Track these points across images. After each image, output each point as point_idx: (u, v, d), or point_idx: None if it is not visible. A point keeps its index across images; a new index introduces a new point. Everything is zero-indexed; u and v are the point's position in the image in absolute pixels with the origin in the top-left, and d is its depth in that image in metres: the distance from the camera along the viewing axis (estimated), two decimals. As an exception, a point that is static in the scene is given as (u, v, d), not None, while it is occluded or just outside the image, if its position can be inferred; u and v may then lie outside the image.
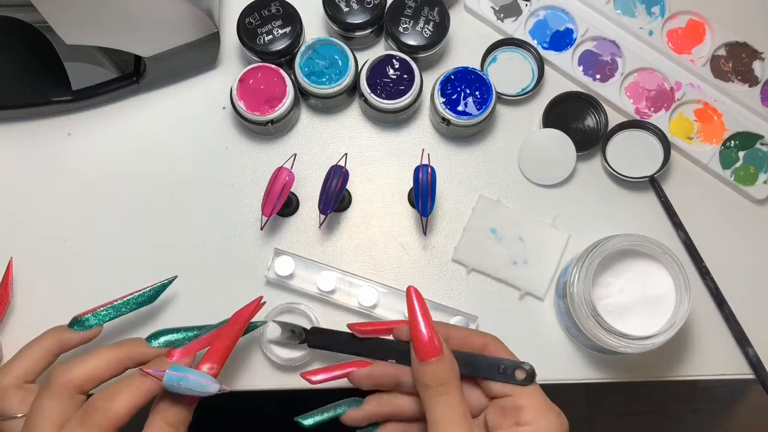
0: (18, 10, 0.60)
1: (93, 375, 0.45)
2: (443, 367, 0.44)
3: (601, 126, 0.61)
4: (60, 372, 0.44)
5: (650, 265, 0.54)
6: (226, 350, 0.47)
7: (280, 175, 0.56)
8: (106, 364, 0.46)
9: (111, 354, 0.46)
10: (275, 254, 0.57)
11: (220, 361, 0.46)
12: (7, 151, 0.61)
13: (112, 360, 0.46)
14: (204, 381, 0.44)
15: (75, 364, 0.45)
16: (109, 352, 0.46)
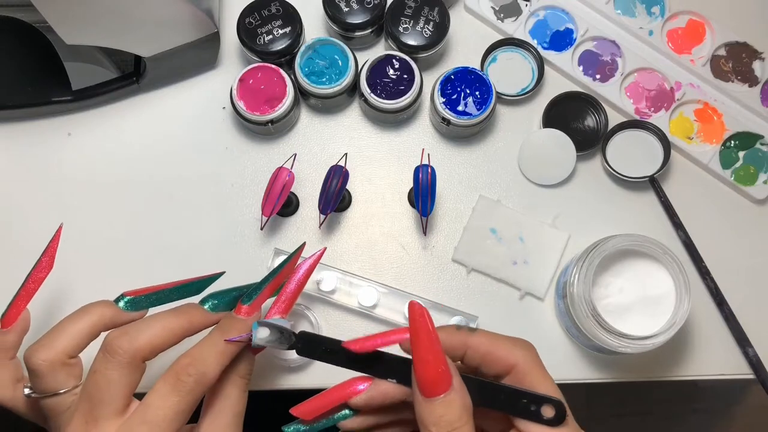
0: (18, 10, 0.60)
1: (157, 344, 0.43)
2: (453, 407, 0.37)
3: (601, 126, 0.61)
4: (124, 341, 0.42)
5: (650, 265, 0.54)
6: (291, 301, 0.46)
7: (280, 175, 0.56)
8: (170, 332, 0.44)
9: (174, 322, 0.44)
10: (275, 254, 0.57)
11: (286, 311, 0.46)
12: (7, 151, 0.61)
13: (176, 328, 0.44)
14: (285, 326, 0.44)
15: (138, 332, 0.43)
16: (172, 320, 0.45)
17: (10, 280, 0.54)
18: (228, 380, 0.44)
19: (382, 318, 0.57)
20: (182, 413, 0.41)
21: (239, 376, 0.45)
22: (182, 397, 0.41)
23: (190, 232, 0.60)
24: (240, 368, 0.45)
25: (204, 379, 0.42)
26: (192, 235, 0.60)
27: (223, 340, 0.43)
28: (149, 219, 0.60)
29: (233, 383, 0.44)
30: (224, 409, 0.44)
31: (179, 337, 0.45)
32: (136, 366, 0.42)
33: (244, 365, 0.45)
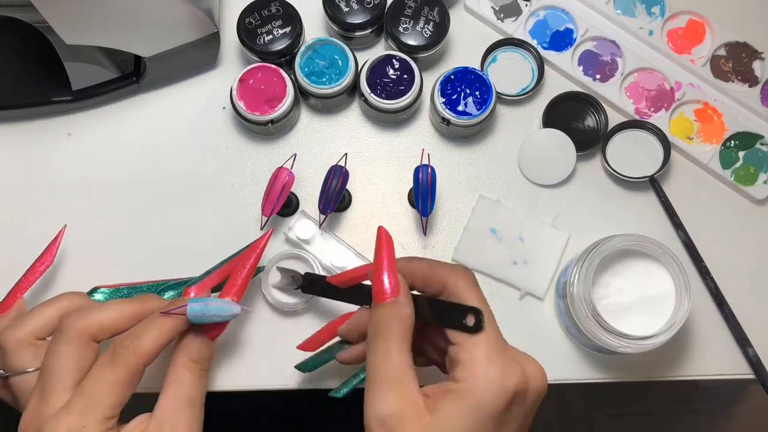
0: (18, 10, 0.60)
1: (107, 325, 0.45)
2: (389, 310, 0.42)
3: (601, 126, 0.61)
4: (74, 319, 0.44)
5: (650, 265, 0.54)
6: (242, 283, 0.47)
7: (280, 175, 0.56)
8: (121, 314, 0.46)
9: (127, 307, 0.46)
10: (300, 215, 0.59)
11: (238, 294, 0.47)
12: (7, 151, 0.61)
13: (128, 311, 0.46)
14: (226, 305, 0.45)
15: (90, 312, 0.45)
16: (125, 304, 0.46)
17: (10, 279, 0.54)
18: (179, 363, 0.45)
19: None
20: (117, 384, 0.42)
21: (191, 359, 0.45)
22: (117, 368, 0.42)
23: (190, 232, 0.60)
24: (191, 351, 0.45)
25: (139, 351, 0.42)
26: (192, 234, 0.60)
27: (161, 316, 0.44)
28: (149, 219, 0.60)
29: (185, 366, 0.45)
30: (176, 392, 0.44)
31: (130, 320, 0.46)
32: (83, 343, 0.44)
33: (196, 347, 0.45)
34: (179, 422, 0.43)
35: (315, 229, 0.58)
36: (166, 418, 0.43)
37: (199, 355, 0.45)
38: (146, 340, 0.43)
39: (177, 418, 0.43)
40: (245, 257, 0.49)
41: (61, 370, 0.43)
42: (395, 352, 0.41)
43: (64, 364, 0.43)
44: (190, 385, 0.44)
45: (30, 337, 0.47)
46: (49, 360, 0.43)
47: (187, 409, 0.44)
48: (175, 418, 0.43)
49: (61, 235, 0.55)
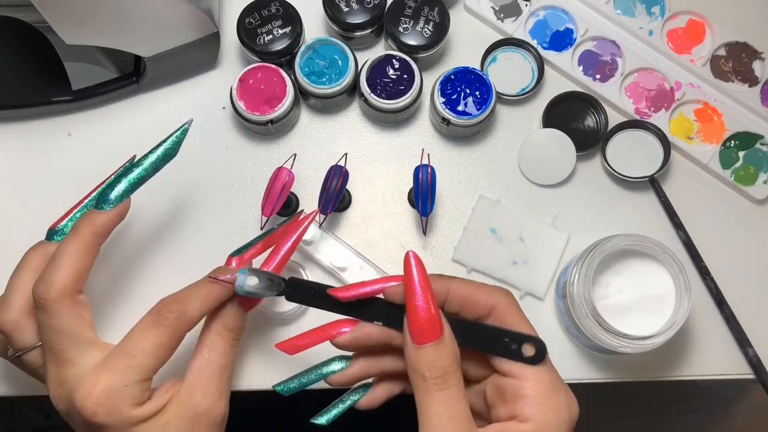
0: (18, 10, 0.60)
1: (76, 272, 0.44)
2: (443, 354, 0.38)
3: (601, 126, 0.61)
4: (44, 290, 0.43)
5: (650, 265, 0.54)
6: (283, 258, 0.47)
7: (280, 175, 0.56)
8: (79, 251, 0.45)
9: (75, 241, 0.45)
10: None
11: (278, 269, 0.47)
12: (8, 151, 0.61)
13: (80, 246, 0.45)
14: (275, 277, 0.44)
15: (52, 273, 0.44)
16: (72, 241, 0.45)
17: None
18: (213, 330, 0.45)
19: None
20: (161, 347, 0.42)
21: (226, 328, 0.45)
22: (162, 330, 0.42)
23: (190, 232, 0.60)
24: (227, 320, 0.45)
25: (184, 317, 0.43)
26: (192, 234, 0.60)
27: (207, 281, 0.44)
28: (149, 219, 0.60)
29: (219, 334, 0.45)
30: (209, 359, 0.44)
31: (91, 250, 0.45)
32: (68, 305, 0.43)
33: (232, 317, 0.45)
34: (210, 388, 0.43)
35: (315, 230, 0.58)
36: (199, 383, 0.43)
37: (234, 324, 0.45)
38: (192, 306, 0.43)
39: (209, 384, 0.43)
40: (288, 232, 0.48)
41: (69, 337, 0.43)
42: (455, 401, 0.38)
43: (68, 332, 0.43)
44: (223, 353, 0.44)
45: (25, 311, 0.46)
46: (49, 336, 0.43)
47: (218, 377, 0.44)
48: (207, 383, 0.43)
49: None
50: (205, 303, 0.44)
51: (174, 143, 0.49)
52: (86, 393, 0.41)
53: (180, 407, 0.43)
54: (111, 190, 0.47)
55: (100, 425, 0.41)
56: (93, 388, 0.41)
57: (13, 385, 0.58)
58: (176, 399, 0.43)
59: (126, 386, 0.41)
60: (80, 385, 0.41)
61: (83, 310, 0.44)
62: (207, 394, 0.43)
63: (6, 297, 0.47)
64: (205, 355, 0.44)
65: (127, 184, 0.47)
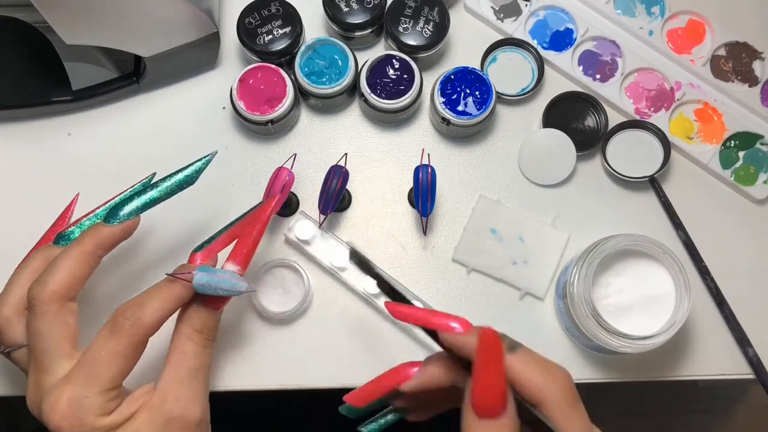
0: (18, 10, 0.60)
1: (70, 279, 0.44)
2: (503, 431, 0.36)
3: (601, 126, 0.61)
4: (37, 291, 0.43)
5: (650, 265, 0.54)
6: (249, 250, 0.46)
7: (280, 175, 0.56)
8: (78, 260, 0.45)
9: (77, 250, 0.45)
10: (300, 216, 0.58)
11: (245, 262, 0.45)
12: (7, 151, 0.61)
13: (81, 255, 0.45)
14: (233, 279, 0.43)
15: (48, 276, 0.44)
16: (74, 249, 0.45)
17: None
18: (182, 333, 0.44)
19: (382, 309, 0.58)
20: (119, 356, 0.41)
21: (195, 330, 0.44)
22: (118, 339, 0.41)
23: (190, 232, 0.60)
24: (195, 321, 0.44)
25: (140, 322, 0.42)
26: (192, 234, 0.60)
27: (166, 282, 0.43)
28: (149, 219, 0.60)
29: (188, 337, 0.44)
30: (178, 363, 0.43)
31: (90, 262, 0.45)
32: (56, 310, 0.43)
33: (200, 318, 0.44)
34: (183, 393, 0.43)
35: (315, 230, 0.58)
36: (170, 390, 0.43)
37: (203, 326, 0.44)
38: (149, 311, 0.42)
39: (180, 390, 0.43)
40: (252, 222, 0.47)
41: (49, 343, 0.43)
42: None
43: (49, 337, 0.43)
44: (193, 356, 0.44)
45: (17, 309, 0.46)
46: (32, 338, 0.43)
47: (191, 381, 0.43)
48: (178, 389, 0.43)
49: (74, 203, 0.53)
50: (163, 306, 0.43)
51: (194, 171, 0.49)
52: (50, 407, 0.41)
53: (151, 414, 0.42)
54: (122, 206, 0.47)
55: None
56: (56, 402, 0.41)
57: (13, 385, 0.58)
58: (148, 405, 0.42)
59: (87, 397, 0.41)
60: (46, 397, 0.41)
61: (70, 317, 0.44)
62: (179, 398, 0.43)
63: (3, 294, 0.47)
64: (175, 359, 0.43)
65: (139, 203, 0.47)
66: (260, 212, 0.47)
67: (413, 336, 0.58)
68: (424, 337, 0.57)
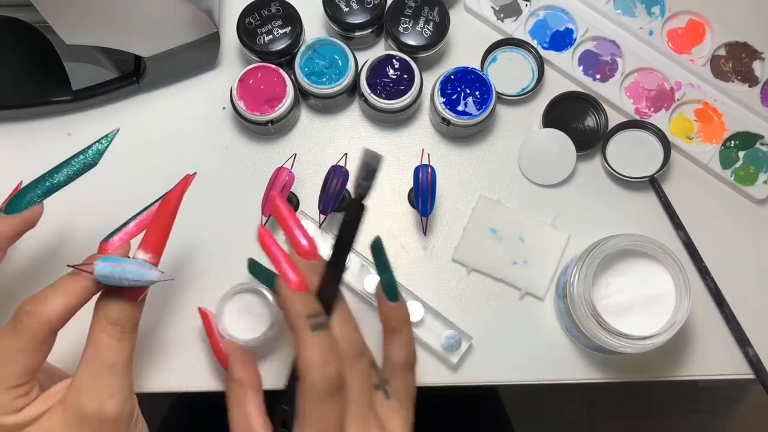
0: (18, 10, 0.60)
1: None
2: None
3: (601, 126, 0.61)
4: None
5: (650, 265, 0.54)
6: (161, 237, 0.43)
7: (280, 175, 0.56)
8: None
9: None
10: (300, 216, 0.58)
11: (157, 250, 0.43)
12: (7, 151, 0.61)
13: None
14: (141, 269, 0.41)
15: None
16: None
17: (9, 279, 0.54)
18: (96, 325, 0.42)
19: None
20: (20, 353, 0.40)
21: (109, 322, 0.41)
22: (18, 335, 0.40)
23: (189, 232, 0.60)
24: (110, 313, 0.42)
25: (41, 317, 0.40)
26: (192, 235, 0.60)
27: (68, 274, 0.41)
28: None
29: (102, 329, 0.41)
30: (93, 356, 0.41)
31: None
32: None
33: (115, 309, 0.42)
34: (97, 389, 0.40)
35: (315, 230, 0.58)
36: (84, 385, 0.40)
37: (119, 317, 0.42)
38: (50, 305, 0.40)
39: (95, 385, 0.40)
40: (163, 206, 0.44)
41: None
42: None
43: None
44: (108, 349, 0.41)
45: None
46: None
47: (106, 375, 0.41)
48: (92, 384, 0.40)
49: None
50: (66, 299, 0.41)
51: (95, 153, 0.46)
52: None
53: (66, 410, 0.40)
54: (23, 196, 0.45)
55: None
56: None
57: None
58: (63, 402, 0.41)
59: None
60: None
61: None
62: (93, 394, 0.40)
63: None
64: (90, 352, 0.41)
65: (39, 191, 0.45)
66: (169, 197, 0.45)
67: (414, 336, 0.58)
68: (423, 336, 0.57)
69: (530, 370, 0.58)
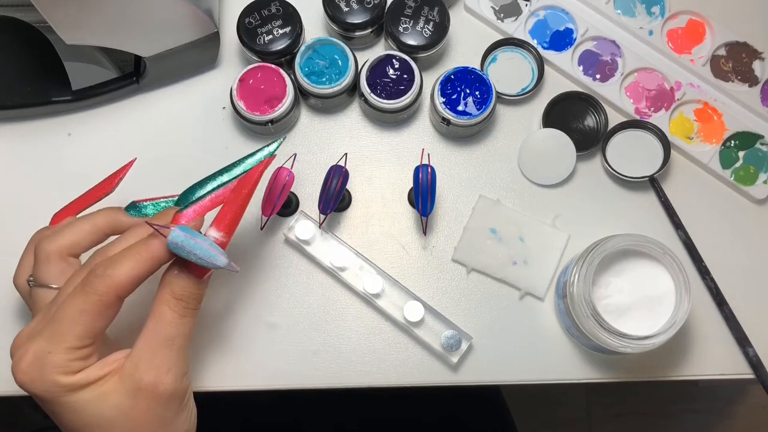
0: (18, 10, 0.60)
1: (73, 244, 0.45)
2: None
3: (601, 126, 0.61)
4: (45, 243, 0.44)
5: (650, 265, 0.54)
6: (235, 217, 0.43)
7: (280, 175, 0.56)
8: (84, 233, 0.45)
9: (88, 223, 0.46)
10: (300, 215, 0.58)
11: (229, 229, 0.43)
12: (7, 151, 0.61)
13: (90, 228, 0.46)
14: (212, 250, 0.41)
15: (60, 232, 0.45)
16: (86, 221, 0.46)
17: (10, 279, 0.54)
18: (161, 299, 0.42)
19: (382, 308, 0.58)
20: (85, 314, 0.39)
21: (174, 296, 0.42)
22: (87, 296, 0.40)
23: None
24: (175, 287, 0.42)
25: (110, 281, 0.40)
26: (192, 235, 0.60)
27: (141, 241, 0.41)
28: (149, 219, 0.60)
29: (166, 303, 0.41)
30: (155, 330, 0.41)
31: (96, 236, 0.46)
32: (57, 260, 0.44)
33: (181, 284, 0.42)
34: (156, 361, 0.40)
35: (315, 229, 0.58)
36: (142, 357, 0.40)
37: (183, 292, 0.42)
38: (121, 270, 0.40)
39: (153, 358, 0.40)
40: (240, 187, 0.44)
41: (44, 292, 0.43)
42: None
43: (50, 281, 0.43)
44: (170, 324, 0.41)
45: (62, 252, 0.45)
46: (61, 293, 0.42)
47: (165, 349, 0.41)
48: (151, 357, 0.41)
49: (128, 166, 0.51)
50: (137, 265, 0.40)
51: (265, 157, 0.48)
52: (18, 359, 0.40)
53: (122, 380, 0.40)
54: (193, 192, 0.47)
55: (33, 395, 0.40)
56: (23, 355, 0.39)
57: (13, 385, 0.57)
58: (119, 371, 0.40)
59: (50, 353, 0.39)
60: (17, 350, 0.40)
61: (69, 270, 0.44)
62: (151, 367, 0.40)
63: (58, 234, 0.46)
64: (152, 325, 0.41)
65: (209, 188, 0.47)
66: (248, 176, 0.44)
67: (413, 336, 0.58)
68: (424, 336, 0.57)
69: (530, 370, 0.58)
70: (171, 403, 0.42)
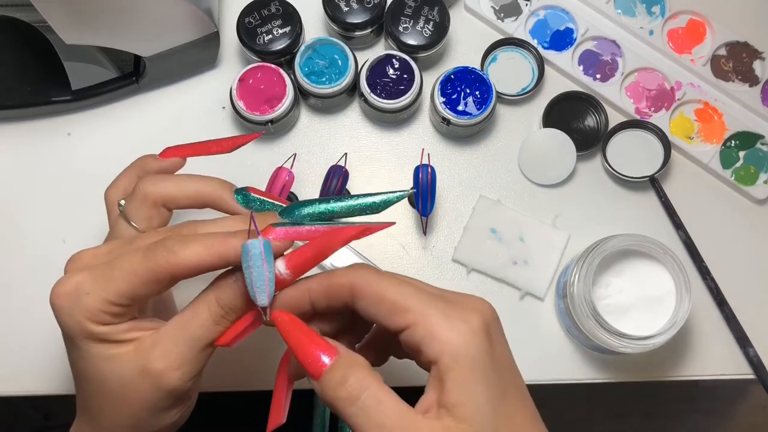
0: (18, 10, 0.60)
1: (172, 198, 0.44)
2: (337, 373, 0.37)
3: (602, 126, 0.61)
4: (147, 184, 0.43)
5: (650, 265, 0.54)
6: (309, 262, 0.40)
7: (280, 175, 0.56)
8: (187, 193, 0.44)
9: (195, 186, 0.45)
10: None
11: (297, 270, 0.40)
12: (7, 151, 0.61)
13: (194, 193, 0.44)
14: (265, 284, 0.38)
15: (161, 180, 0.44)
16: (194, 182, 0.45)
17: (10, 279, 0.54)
18: (204, 297, 0.40)
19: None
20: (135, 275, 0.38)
21: (218, 302, 0.40)
22: (145, 260, 0.38)
23: (190, 232, 0.60)
24: (222, 293, 0.40)
25: (172, 257, 0.38)
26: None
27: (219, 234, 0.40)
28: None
29: (206, 303, 0.40)
30: (186, 323, 0.40)
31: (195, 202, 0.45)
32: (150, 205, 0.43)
33: (230, 294, 0.40)
34: (171, 354, 0.39)
35: None
36: (162, 342, 0.39)
37: (228, 302, 0.40)
38: (186, 252, 0.38)
39: (171, 349, 0.39)
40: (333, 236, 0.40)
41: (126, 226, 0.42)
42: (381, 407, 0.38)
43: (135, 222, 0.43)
44: (201, 325, 0.40)
45: (159, 200, 0.44)
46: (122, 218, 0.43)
47: (185, 346, 0.40)
48: (170, 347, 0.39)
49: (253, 136, 0.49)
50: (203, 254, 0.39)
51: (383, 202, 0.45)
52: (60, 283, 0.39)
53: (136, 353, 0.39)
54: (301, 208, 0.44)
55: (60, 324, 0.39)
56: (65, 282, 0.39)
57: (13, 384, 0.58)
58: (139, 343, 0.40)
59: (88, 294, 0.38)
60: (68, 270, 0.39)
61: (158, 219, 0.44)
62: (165, 356, 0.39)
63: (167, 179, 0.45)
64: (185, 317, 0.40)
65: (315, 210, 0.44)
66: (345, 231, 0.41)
67: (413, 336, 0.58)
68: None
69: (530, 370, 0.58)
70: (168, 398, 0.41)
